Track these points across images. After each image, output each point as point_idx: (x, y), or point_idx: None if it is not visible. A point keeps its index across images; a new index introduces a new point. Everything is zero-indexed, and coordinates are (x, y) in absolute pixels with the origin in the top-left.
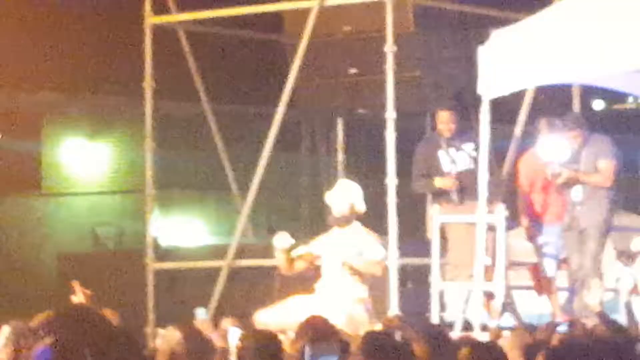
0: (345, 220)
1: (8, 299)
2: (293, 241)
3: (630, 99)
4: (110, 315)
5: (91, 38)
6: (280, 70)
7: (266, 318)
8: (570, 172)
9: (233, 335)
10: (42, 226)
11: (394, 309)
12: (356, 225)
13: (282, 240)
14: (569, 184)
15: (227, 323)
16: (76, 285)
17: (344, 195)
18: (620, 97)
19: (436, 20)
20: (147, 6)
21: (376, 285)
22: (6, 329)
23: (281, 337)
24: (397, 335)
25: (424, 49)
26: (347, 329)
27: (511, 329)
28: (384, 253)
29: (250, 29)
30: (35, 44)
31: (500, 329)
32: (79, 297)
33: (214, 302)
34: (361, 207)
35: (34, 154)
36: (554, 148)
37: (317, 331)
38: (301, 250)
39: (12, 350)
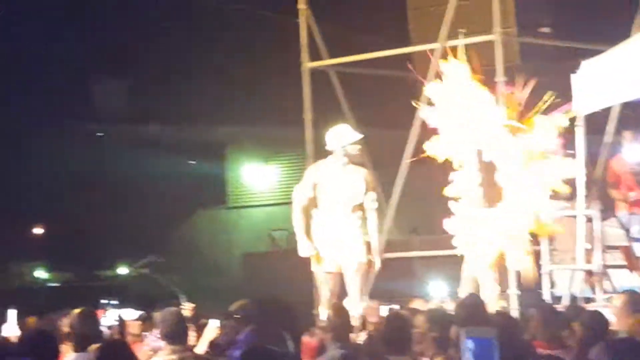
0: None
1: (204, 293)
2: None
3: None
4: None
5: (259, 83)
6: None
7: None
8: None
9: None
10: (229, 232)
11: (512, 287)
12: None
13: None
14: None
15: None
16: None
17: None
18: None
19: (537, 54)
20: (305, 54)
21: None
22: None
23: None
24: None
25: (527, 78)
26: None
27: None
28: None
29: (385, 69)
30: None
31: None
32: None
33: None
34: None
35: (221, 176)
36: (635, 153)
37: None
38: None
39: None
